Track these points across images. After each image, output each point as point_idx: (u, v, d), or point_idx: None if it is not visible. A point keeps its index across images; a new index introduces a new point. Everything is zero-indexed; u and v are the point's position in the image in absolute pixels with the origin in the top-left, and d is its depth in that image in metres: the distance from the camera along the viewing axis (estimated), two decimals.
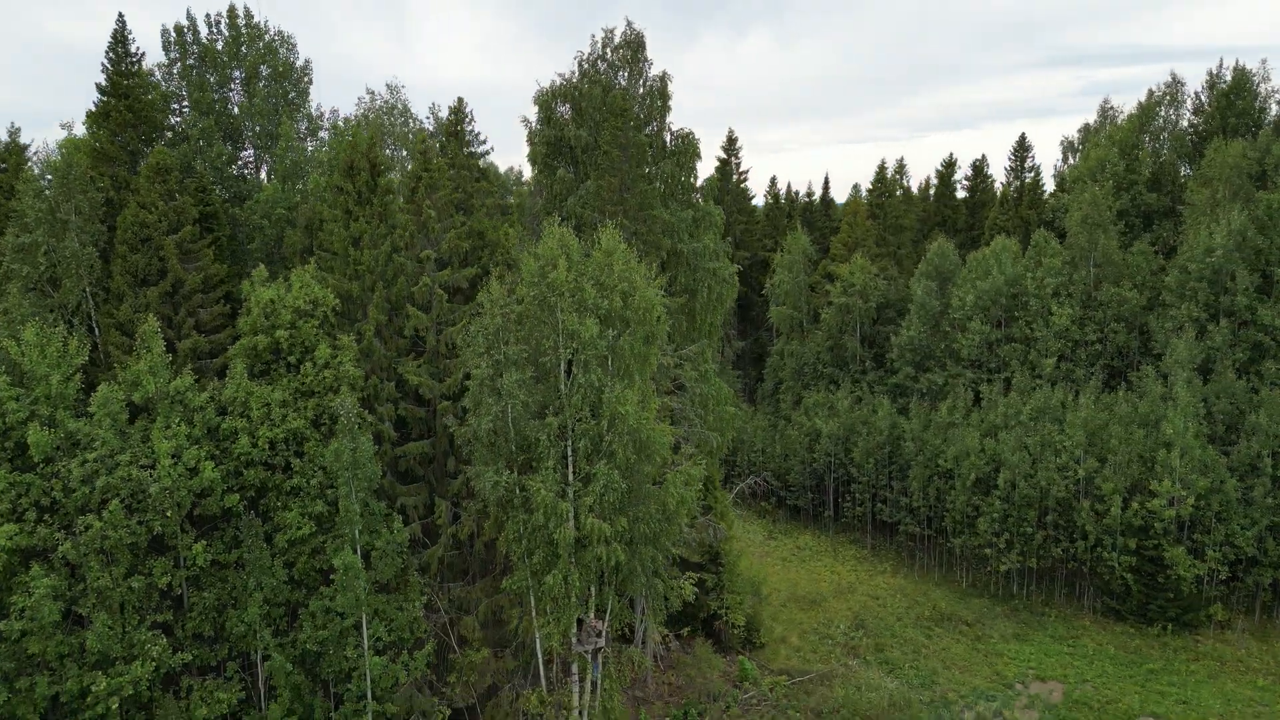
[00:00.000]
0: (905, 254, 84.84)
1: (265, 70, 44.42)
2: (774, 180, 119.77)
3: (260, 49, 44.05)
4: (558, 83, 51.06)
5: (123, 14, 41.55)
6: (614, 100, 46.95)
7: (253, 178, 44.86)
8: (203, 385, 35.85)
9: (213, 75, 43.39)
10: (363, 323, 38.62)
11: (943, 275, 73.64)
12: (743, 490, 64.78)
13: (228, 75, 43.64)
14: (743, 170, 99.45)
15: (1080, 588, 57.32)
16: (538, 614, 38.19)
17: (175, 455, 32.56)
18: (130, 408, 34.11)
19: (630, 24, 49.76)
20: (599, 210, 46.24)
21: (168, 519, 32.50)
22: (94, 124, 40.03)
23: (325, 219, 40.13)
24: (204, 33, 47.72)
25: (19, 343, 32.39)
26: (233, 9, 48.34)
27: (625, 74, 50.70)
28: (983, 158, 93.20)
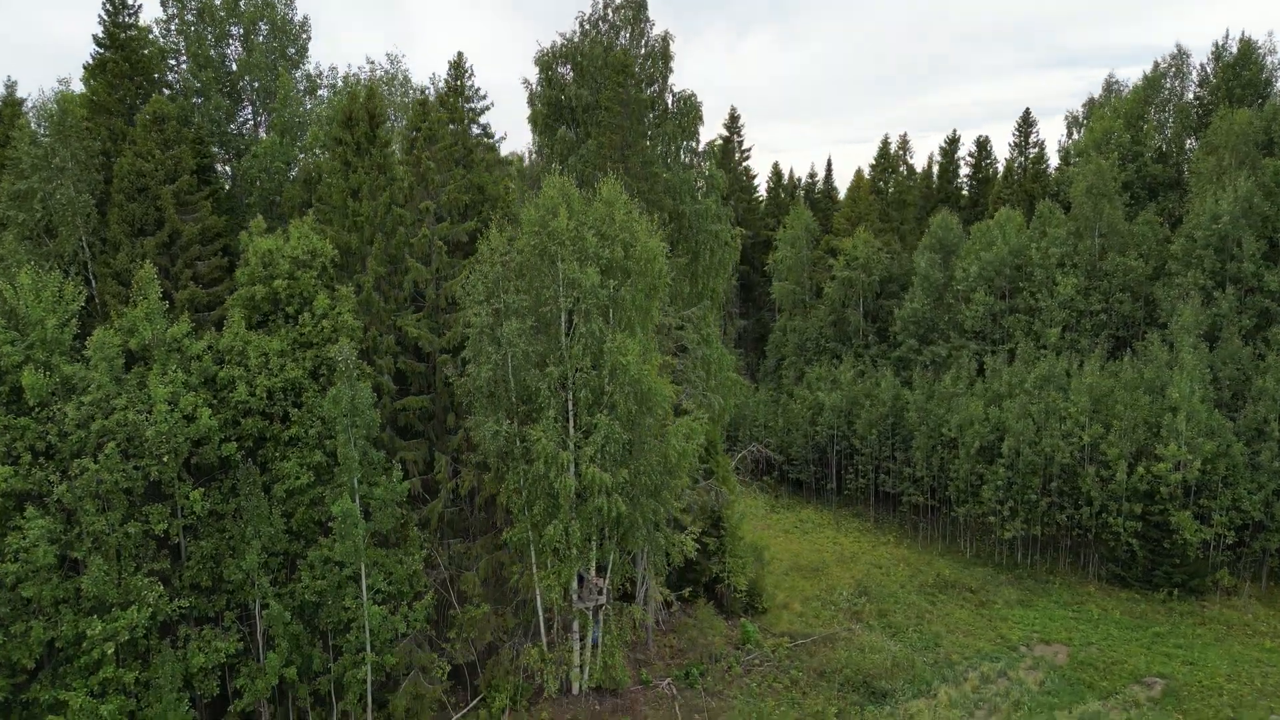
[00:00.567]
0: (908, 229, 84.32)
1: (264, 25, 44.03)
2: (776, 165, 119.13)
3: (259, 3, 43.67)
4: (559, 43, 50.69)
5: None
6: (615, 57, 46.56)
7: (251, 136, 44.51)
8: (200, 336, 35.51)
9: (211, 31, 43.01)
10: (361, 275, 38.26)
11: (946, 248, 73.17)
12: (744, 459, 64.36)
13: (225, 31, 43.27)
14: (745, 149, 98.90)
15: (1085, 556, 56.94)
16: (538, 567, 37.92)
17: (172, 401, 32.23)
18: (127, 356, 33.78)
19: None
20: (600, 168, 45.84)
21: (164, 465, 32.17)
22: (91, 76, 39.64)
23: (324, 171, 39.76)
24: None
25: (14, 287, 32.04)
26: None
27: (627, 34, 50.25)
28: (986, 137, 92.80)
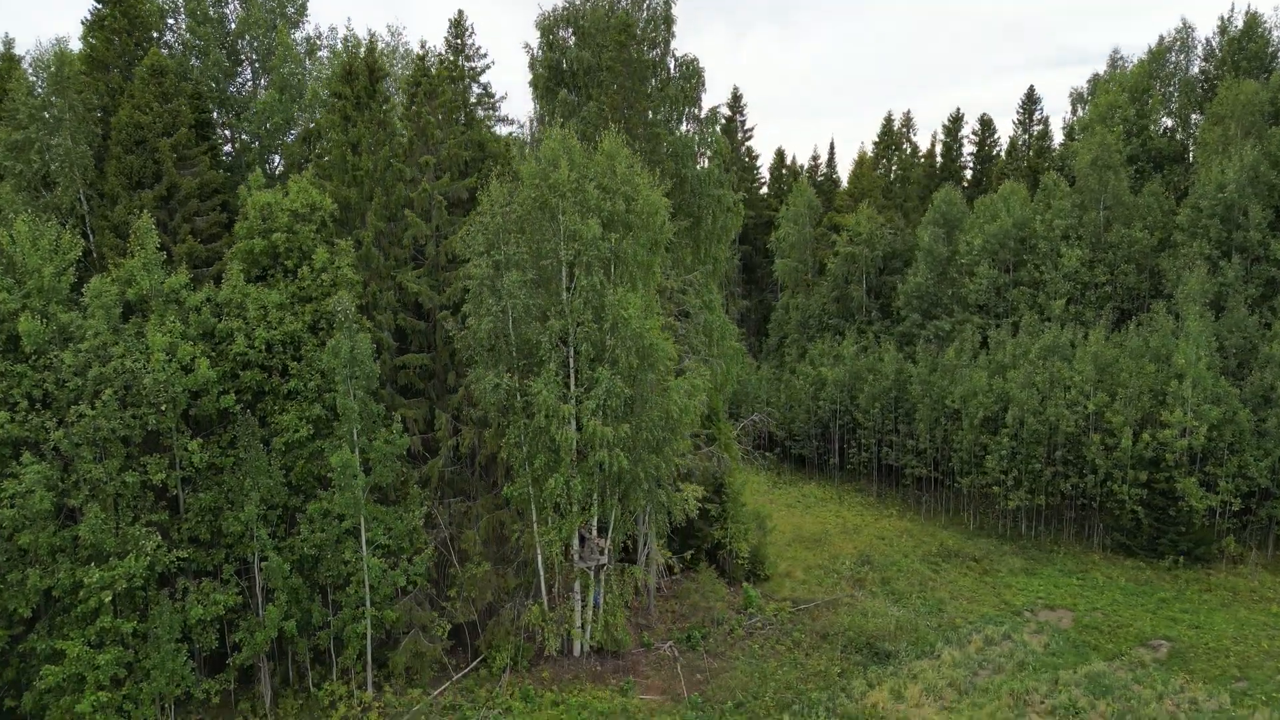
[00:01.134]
0: (911, 207, 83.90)
1: None
2: (780, 149, 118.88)
3: None
4: (560, 7, 50.33)
5: None
6: (618, 18, 46.20)
7: (250, 96, 44.18)
8: (198, 290, 35.21)
9: None
10: (361, 230, 37.97)
11: (950, 223, 72.78)
12: (746, 429, 64.05)
13: None
14: (748, 128, 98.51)
15: (1089, 526, 56.61)
16: (539, 524, 37.65)
17: (169, 351, 31.96)
18: (124, 307, 33.52)
19: None
20: (601, 129, 45.49)
21: (162, 414, 31.93)
22: (89, 32, 39.35)
23: (323, 127, 39.46)
24: None
25: (10, 235, 31.76)
26: None
27: None
28: (989, 116, 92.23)
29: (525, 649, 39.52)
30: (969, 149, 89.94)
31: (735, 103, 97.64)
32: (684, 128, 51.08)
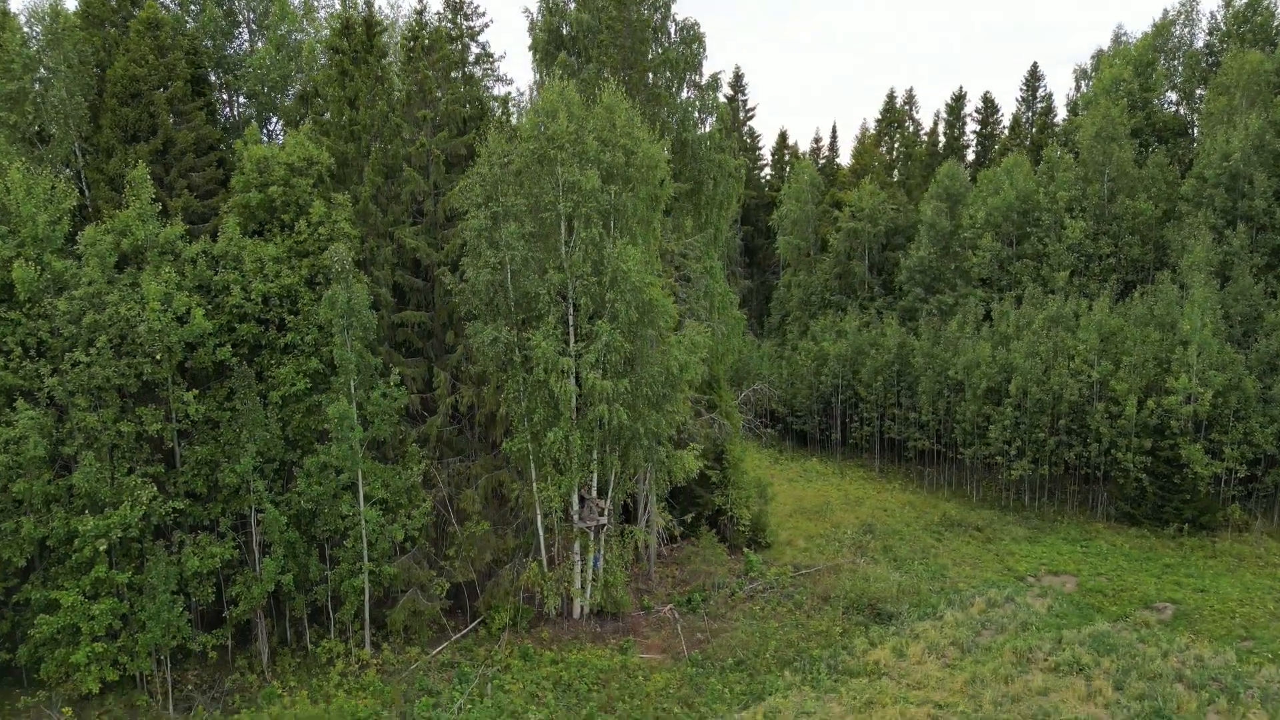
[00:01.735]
0: (914, 184, 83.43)
1: None
2: (783, 131, 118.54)
3: None
4: None
5: None
6: None
7: (245, 55, 43.84)
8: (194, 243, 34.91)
9: None
10: (359, 186, 37.66)
11: (953, 197, 72.30)
12: (747, 398, 63.70)
13: None
14: (750, 108, 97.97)
15: (1093, 497, 56.24)
16: (538, 480, 37.34)
17: (165, 300, 31.66)
18: (119, 258, 33.23)
19: None
20: (599, 87, 45.13)
21: (158, 364, 31.66)
22: None
23: (320, 83, 39.13)
24: None
25: (4, 183, 31.44)
26: None
27: None
28: (991, 94, 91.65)
29: (525, 611, 39.27)
30: (972, 128, 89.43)
31: (737, 82, 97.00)
32: (685, 94, 50.71)
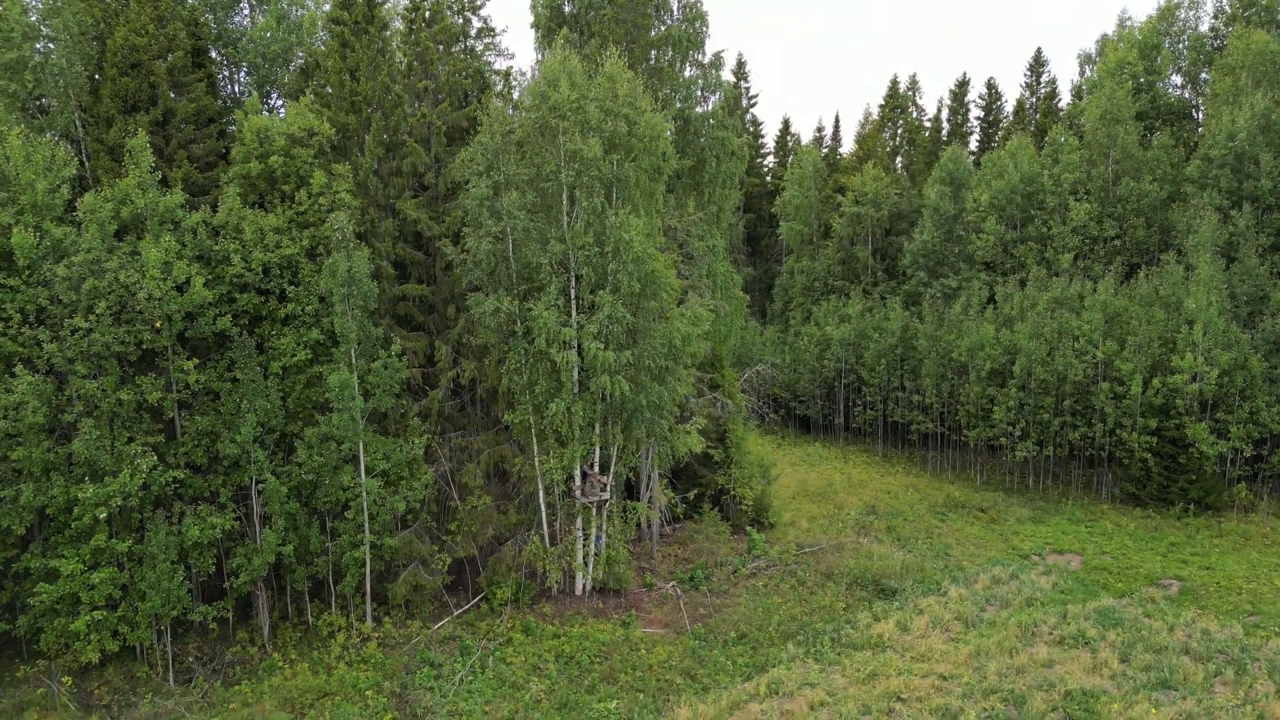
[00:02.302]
0: (918, 170, 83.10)
1: None
2: (786, 120, 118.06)
3: None
4: None
5: None
6: None
7: (246, 30, 43.64)
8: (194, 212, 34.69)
9: None
10: (360, 158, 37.42)
11: (956, 181, 71.95)
12: (750, 379, 63.44)
13: None
14: (752, 96, 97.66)
15: (1098, 479, 55.99)
16: (540, 454, 37.14)
17: (164, 268, 31.45)
18: (119, 228, 32.99)
19: None
20: (603, 62, 44.90)
21: (157, 333, 31.46)
22: None
23: (321, 56, 38.89)
24: None
25: (3, 150, 31.23)
26: None
27: None
28: (995, 80, 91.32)
29: (527, 587, 39.09)
30: (975, 114, 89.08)
31: (740, 69, 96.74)
32: (688, 72, 50.43)
